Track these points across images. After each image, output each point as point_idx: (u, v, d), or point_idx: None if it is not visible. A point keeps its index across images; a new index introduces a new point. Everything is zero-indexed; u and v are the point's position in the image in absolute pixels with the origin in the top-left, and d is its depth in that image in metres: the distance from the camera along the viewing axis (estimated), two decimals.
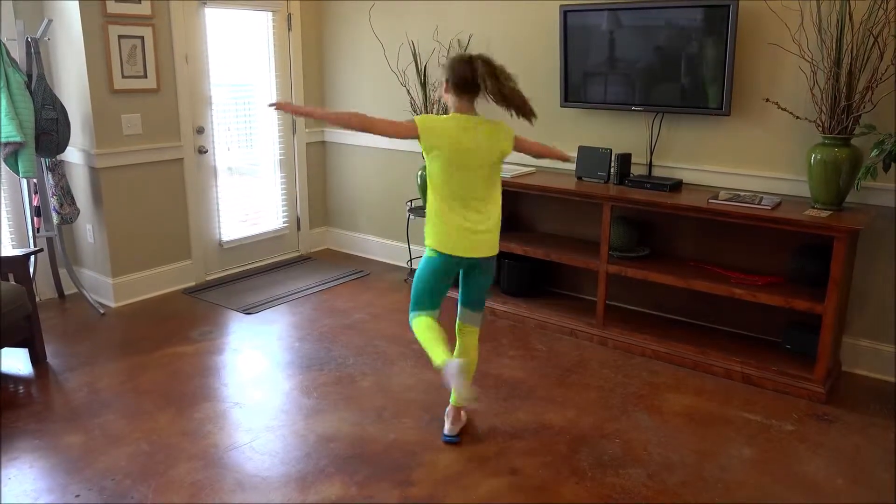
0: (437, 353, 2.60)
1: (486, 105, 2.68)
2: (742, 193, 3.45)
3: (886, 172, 2.91)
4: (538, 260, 4.07)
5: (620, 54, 3.75)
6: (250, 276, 4.80)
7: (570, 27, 3.83)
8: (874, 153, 2.87)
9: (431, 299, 2.74)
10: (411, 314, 2.79)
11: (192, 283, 4.61)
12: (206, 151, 4.57)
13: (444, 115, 2.70)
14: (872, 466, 2.69)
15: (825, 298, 3.08)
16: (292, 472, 2.63)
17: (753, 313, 3.61)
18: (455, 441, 2.81)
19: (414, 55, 4.44)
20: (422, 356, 3.58)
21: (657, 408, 3.09)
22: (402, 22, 4.61)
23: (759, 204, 3.25)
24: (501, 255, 4.22)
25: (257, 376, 3.41)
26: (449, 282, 2.75)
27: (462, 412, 2.91)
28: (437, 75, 2.82)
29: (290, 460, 2.70)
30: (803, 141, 3.33)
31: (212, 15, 4.48)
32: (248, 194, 5.00)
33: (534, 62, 4.14)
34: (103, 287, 4.27)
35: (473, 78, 2.57)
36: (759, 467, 2.68)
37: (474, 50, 4.33)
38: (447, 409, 2.90)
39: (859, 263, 3.35)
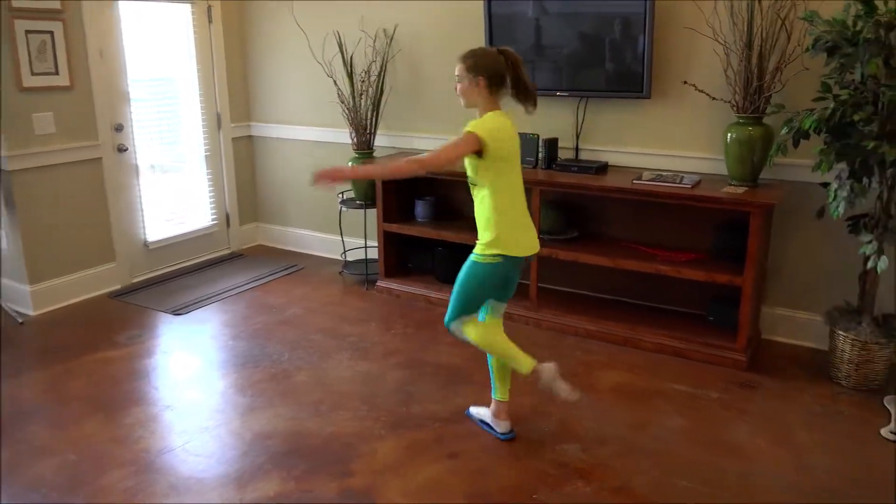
0: (525, 360, 2.56)
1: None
2: (664, 173, 3.56)
3: (796, 149, 3.05)
4: (471, 247, 4.08)
5: (547, 41, 3.80)
6: (179, 277, 4.67)
7: (495, 15, 3.86)
8: (784, 131, 3.00)
9: (479, 304, 2.67)
10: (458, 321, 2.64)
11: (118, 287, 4.45)
12: (126, 149, 4.41)
13: (492, 115, 2.52)
14: (791, 427, 2.83)
15: (744, 271, 3.21)
16: (229, 471, 2.58)
17: (679, 289, 3.74)
18: (513, 436, 2.75)
19: (340, 46, 4.39)
20: (358, 348, 3.58)
21: (591, 385, 3.17)
22: (326, 13, 4.55)
23: (680, 183, 3.36)
24: (435, 243, 4.25)
25: (189, 377, 3.33)
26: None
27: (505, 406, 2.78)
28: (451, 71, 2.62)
29: (226, 460, 2.65)
30: (720, 121, 3.46)
31: (126, 8, 4.31)
32: (173, 192, 4.85)
33: (460, 50, 4.13)
34: (20, 295, 4.08)
35: (507, 71, 2.49)
36: (688, 435, 2.78)
37: (401, 39, 4.33)
38: (494, 409, 2.78)
39: (775, 237, 3.51)
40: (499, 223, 2.53)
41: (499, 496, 2.42)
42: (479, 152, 2.46)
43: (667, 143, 3.68)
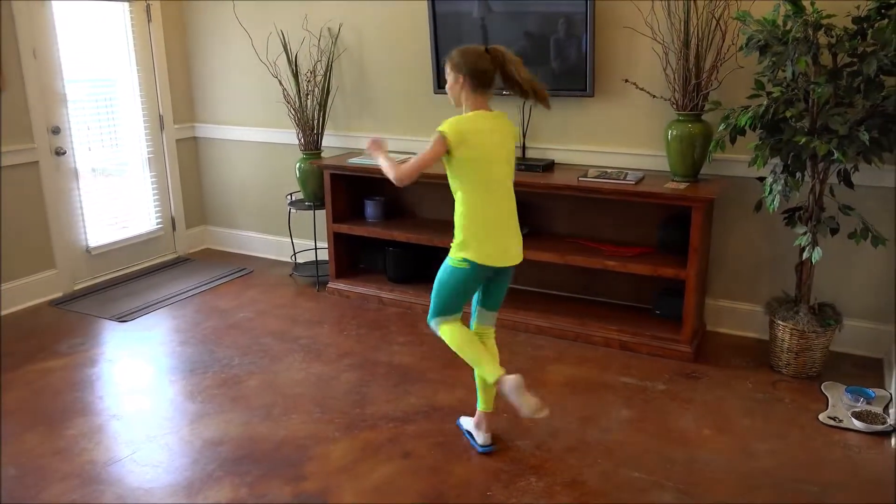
0: (491, 368, 2.48)
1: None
2: (609, 170, 3.62)
3: (734, 145, 3.15)
4: (422, 246, 4.11)
5: (492, 39, 3.82)
6: (124, 283, 4.55)
7: (440, 14, 3.87)
8: (721, 127, 3.10)
9: (455, 306, 2.58)
10: (435, 320, 2.59)
11: (59, 294, 4.32)
12: (64, 153, 4.28)
13: (471, 115, 2.47)
14: (735, 414, 2.93)
15: (687, 265, 3.30)
16: (179, 480, 2.53)
17: (627, 283, 3.82)
18: (492, 449, 2.68)
19: (284, 45, 4.34)
20: (310, 350, 3.55)
21: (542, 380, 3.21)
22: (268, 11, 4.49)
23: (624, 180, 3.43)
24: (386, 243, 4.24)
25: (136, 385, 3.25)
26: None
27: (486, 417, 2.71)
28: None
29: (175, 469, 2.60)
30: (661, 118, 3.54)
31: (60, 7, 4.18)
32: (115, 196, 4.72)
33: (407, 49, 4.16)
34: None
35: (493, 70, 2.43)
36: (637, 426, 2.85)
37: (346, 38, 4.31)
38: (476, 420, 2.72)
39: (716, 231, 3.61)
40: (466, 227, 2.47)
41: (453, 494, 2.44)
42: (448, 152, 2.42)
43: (611, 140, 3.76)
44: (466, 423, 2.81)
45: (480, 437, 2.70)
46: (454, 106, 2.56)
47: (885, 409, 2.92)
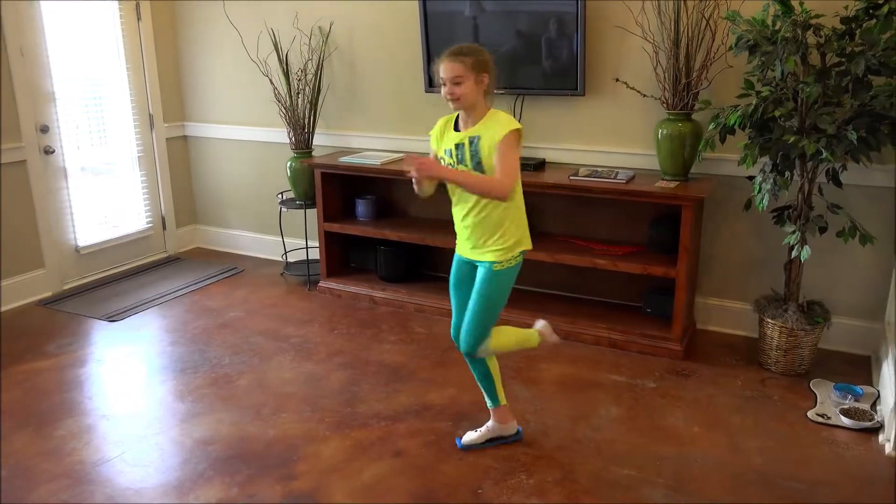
0: (530, 335, 2.68)
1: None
2: (600, 169, 3.63)
3: (723, 144, 3.16)
4: (413, 245, 4.11)
5: (484, 39, 3.83)
6: (114, 282, 4.53)
7: (431, 13, 3.87)
8: (711, 127, 3.11)
9: None
10: (486, 342, 2.52)
11: (48, 294, 4.29)
12: (52, 151, 4.25)
13: (503, 113, 2.43)
14: (724, 412, 2.94)
15: (677, 264, 3.31)
16: (169, 480, 2.53)
17: (617, 282, 3.83)
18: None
19: (275, 44, 4.33)
20: (301, 349, 3.55)
21: (533, 378, 3.22)
22: (259, 9, 4.48)
23: (615, 178, 3.44)
24: (377, 242, 4.24)
25: (126, 385, 3.23)
26: None
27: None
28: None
29: (165, 468, 2.59)
30: (651, 117, 3.55)
31: (49, 6, 4.15)
32: (105, 195, 4.69)
33: (398, 49, 4.15)
34: None
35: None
36: (627, 424, 2.86)
37: (337, 37, 4.30)
38: (499, 416, 2.69)
39: (706, 229, 3.63)
40: (521, 223, 2.53)
41: (444, 493, 2.44)
42: None
43: (601, 139, 3.77)
44: (477, 437, 2.69)
45: (511, 428, 2.71)
46: (455, 109, 2.43)
47: (873, 406, 2.94)
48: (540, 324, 2.76)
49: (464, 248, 2.57)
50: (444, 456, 2.65)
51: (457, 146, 2.44)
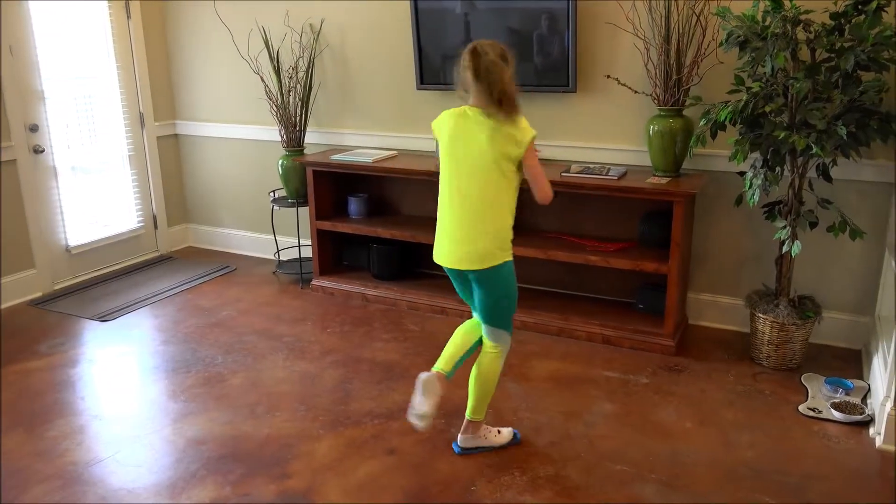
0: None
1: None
2: (592, 166, 3.64)
3: (714, 140, 3.17)
4: (406, 242, 4.11)
5: (475, 36, 3.82)
6: (105, 282, 4.51)
7: (422, 10, 3.86)
8: (702, 122, 3.12)
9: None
10: (509, 334, 2.60)
11: (39, 294, 4.27)
12: (42, 150, 4.23)
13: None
14: (716, 407, 2.96)
15: (669, 259, 3.32)
16: (162, 480, 2.52)
17: (609, 278, 3.84)
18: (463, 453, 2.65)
19: (265, 41, 4.31)
20: (294, 348, 3.54)
21: (525, 375, 3.23)
22: (249, 7, 4.46)
23: (606, 175, 3.44)
24: (370, 240, 4.24)
25: (118, 385, 3.22)
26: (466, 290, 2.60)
27: (469, 423, 2.64)
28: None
29: (158, 468, 2.59)
30: (642, 114, 3.56)
31: (38, 4, 4.12)
32: (96, 194, 4.67)
33: (389, 46, 4.14)
34: None
35: None
36: (620, 420, 2.87)
37: (329, 34, 4.29)
38: (483, 427, 2.67)
39: (697, 225, 3.64)
40: (511, 224, 2.54)
41: (437, 490, 2.45)
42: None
43: (593, 135, 3.77)
44: (476, 440, 2.65)
45: (508, 431, 2.70)
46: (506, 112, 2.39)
47: (864, 399, 2.96)
48: (423, 374, 2.51)
49: None
50: (437, 453, 2.65)
51: None
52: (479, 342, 2.60)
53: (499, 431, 2.69)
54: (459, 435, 2.65)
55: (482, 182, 2.40)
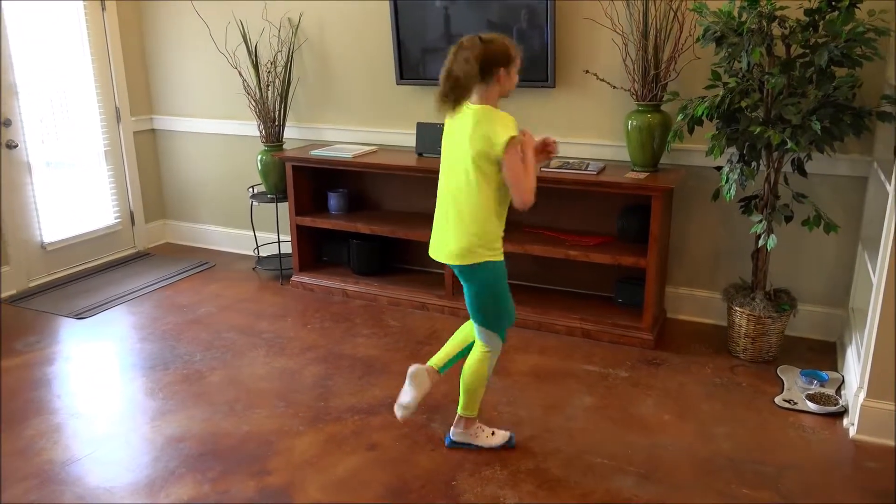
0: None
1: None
2: (571, 161, 3.65)
3: (691, 135, 3.19)
4: (385, 238, 4.11)
5: (455, 30, 3.82)
6: (82, 279, 4.46)
7: (401, 4, 3.85)
8: (680, 118, 3.14)
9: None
10: (504, 334, 2.60)
11: (13, 292, 4.20)
12: (15, 146, 4.16)
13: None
14: (694, 400, 2.99)
15: (647, 253, 3.35)
16: (140, 478, 2.50)
17: (588, 272, 3.86)
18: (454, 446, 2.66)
19: (243, 35, 4.27)
20: (274, 344, 3.53)
21: (505, 369, 3.24)
22: (226, 1, 4.41)
23: (585, 170, 3.46)
24: (350, 236, 4.22)
25: (95, 383, 3.19)
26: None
27: (460, 418, 2.65)
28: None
29: (136, 467, 2.57)
30: (621, 109, 3.58)
31: None
32: (71, 190, 4.61)
33: (368, 40, 4.12)
34: None
35: None
36: (599, 413, 2.89)
37: (307, 28, 4.26)
38: (471, 426, 2.68)
39: (675, 219, 3.67)
40: (499, 225, 2.51)
41: (417, 485, 2.45)
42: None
43: (572, 131, 3.78)
44: (467, 436, 2.66)
45: (503, 434, 2.69)
46: (490, 105, 2.40)
47: (838, 390, 3.01)
48: (413, 366, 2.60)
49: None
50: (417, 448, 2.65)
51: None
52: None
53: (493, 433, 2.67)
54: (452, 428, 2.66)
55: (463, 180, 2.40)
